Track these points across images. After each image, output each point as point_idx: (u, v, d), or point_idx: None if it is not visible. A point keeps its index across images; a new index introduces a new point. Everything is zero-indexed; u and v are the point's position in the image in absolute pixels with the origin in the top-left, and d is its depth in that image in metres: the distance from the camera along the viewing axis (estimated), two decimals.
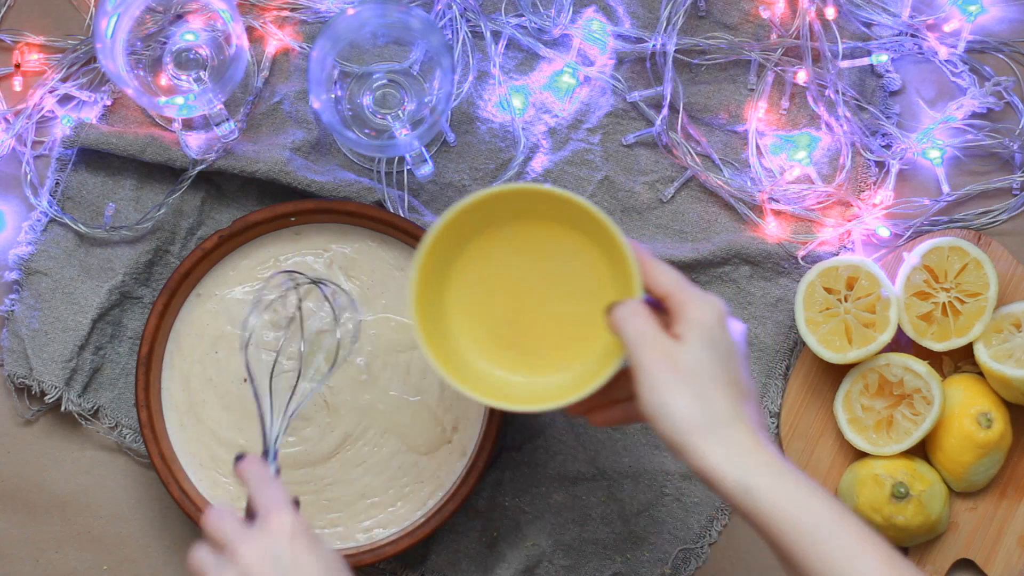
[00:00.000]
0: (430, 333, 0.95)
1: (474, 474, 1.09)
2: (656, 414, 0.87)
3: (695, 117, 1.17)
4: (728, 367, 0.88)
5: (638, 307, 0.90)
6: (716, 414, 0.86)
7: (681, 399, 0.86)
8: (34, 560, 1.14)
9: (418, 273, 0.95)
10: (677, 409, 0.86)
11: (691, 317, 0.89)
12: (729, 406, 0.87)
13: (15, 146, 1.15)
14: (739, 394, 0.88)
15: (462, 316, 0.99)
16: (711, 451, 0.85)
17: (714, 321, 0.89)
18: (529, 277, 0.99)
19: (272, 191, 1.15)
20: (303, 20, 1.16)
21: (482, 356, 0.99)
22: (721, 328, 0.89)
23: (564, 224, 0.97)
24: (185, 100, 1.08)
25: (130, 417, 1.14)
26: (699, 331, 0.88)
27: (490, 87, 1.16)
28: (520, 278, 0.99)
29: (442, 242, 0.95)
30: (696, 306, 0.89)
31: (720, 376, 0.87)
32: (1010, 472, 1.15)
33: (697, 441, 0.86)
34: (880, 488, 1.10)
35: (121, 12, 1.09)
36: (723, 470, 0.85)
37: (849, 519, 0.84)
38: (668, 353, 0.87)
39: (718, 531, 1.15)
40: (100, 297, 1.13)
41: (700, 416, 0.86)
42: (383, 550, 1.08)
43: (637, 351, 0.88)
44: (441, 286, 0.98)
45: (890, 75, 1.17)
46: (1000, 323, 1.11)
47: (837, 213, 1.16)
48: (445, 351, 0.97)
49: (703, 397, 0.86)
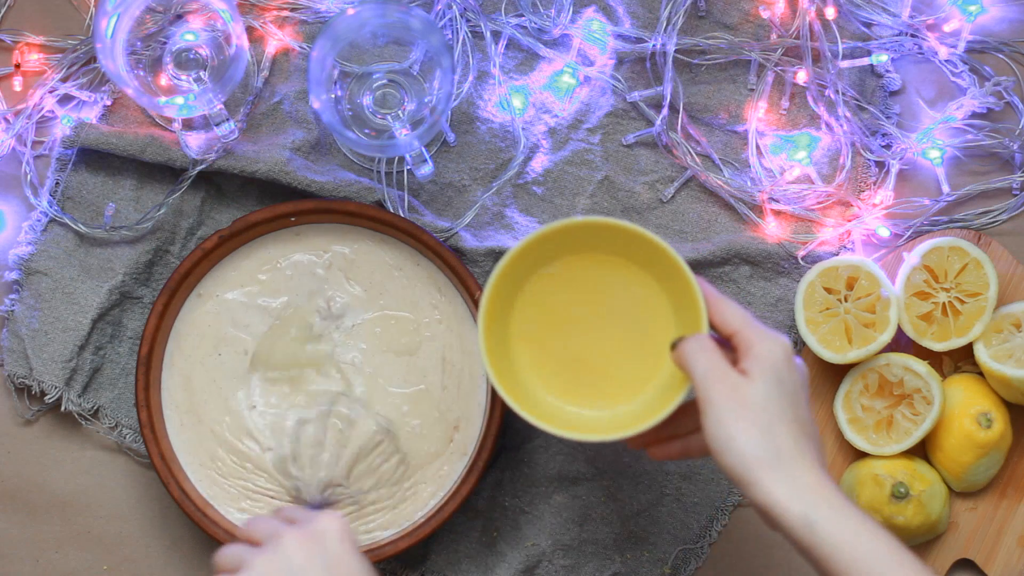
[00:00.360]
0: (496, 362, 0.98)
1: (474, 474, 1.09)
2: (722, 447, 0.88)
3: (695, 117, 1.17)
4: (793, 404, 0.90)
5: (706, 342, 0.92)
6: (781, 449, 0.88)
7: (747, 433, 0.88)
8: (34, 560, 1.14)
9: (487, 303, 0.97)
10: (743, 443, 0.88)
11: (758, 354, 0.90)
12: (793, 442, 0.88)
13: (15, 146, 1.15)
14: (802, 432, 0.90)
15: (525, 346, 1.02)
16: (775, 486, 0.87)
17: (781, 359, 0.91)
18: (591, 311, 1.02)
19: (272, 191, 1.15)
20: (303, 20, 1.16)
21: (543, 386, 1.02)
22: (788, 366, 0.91)
23: (626, 259, 1.00)
24: (185, 100, 1.08)
25: (130, 417, 1.14)
26: (766, 368, 0.90)
27: (490, 87, 1.16)
28: (582, 311, 1.02)
29: (510, 272, 0.98)
30: (764, 343, 0.91)
31: (786, 413, 0.89)
32: (1010, 472, 1.15)
33: (761, 476, 0.87)
34: (880, 488, 1.10)
35: (121, 12, 1.09)
36: (786, 504, 0.86)
37: (908, 558, 0.85)
38: (735, 388, 0.89)
39: (718, 531, 1.15)
40: (100, 297, 1.13)
41: (765, 451, 0.87)
42: (384, 550, 1.08)
43: (705, 385, 0.90)
44: (506, 316, 1.01)
45: (890, 75, 1.17)
46: (1000, 323, 1.11)
47: (837, 213, 1.16)
48: (511, 380, 0.99)
49: (769, 432, 0.88)
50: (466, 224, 1.14)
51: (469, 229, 1.14)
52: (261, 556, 0.90)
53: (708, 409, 0.89)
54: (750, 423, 0.88)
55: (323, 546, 0.90)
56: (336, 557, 0.89)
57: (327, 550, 0.90)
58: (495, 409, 1.09)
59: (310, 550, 0.90)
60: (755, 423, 0.88)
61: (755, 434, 0.88)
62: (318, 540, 0.90)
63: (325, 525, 0.91)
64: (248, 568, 0.89)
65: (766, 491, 0.87)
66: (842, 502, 0.87)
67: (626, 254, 1.00)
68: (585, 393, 1.02)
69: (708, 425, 0.89)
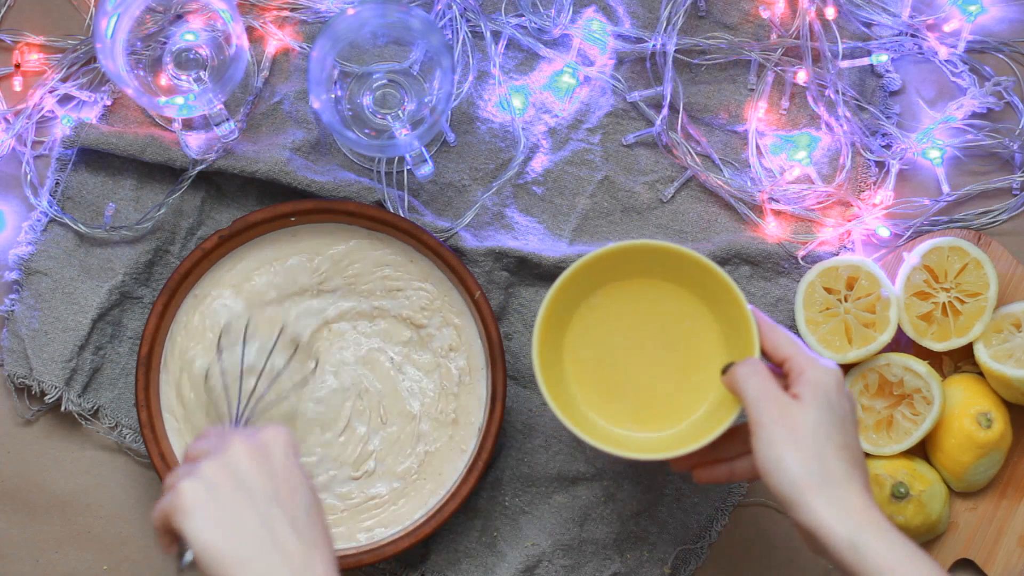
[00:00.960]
0: (549, 375, 1.01)
1: (474, 474, 1.09)
2: (771, 468, 0.91)
3: (695, 117, 1.17)
4: (842, 431, 0.93)
5: (758, 366, 0.95)
6: (829, 473, 0.90)
7: (797, 456, 0.90)
8: (34, 560, 1.14)
9: (543, 320, 1.01)
10: (792, 465, 0.90)
11: (810, 379, 0.93)
12: (842, 467, 0.91)
13: (15, 146, 1.15)
14: (851, 457, 0.92)
15: (576, 367, 1.06)
16: (823, 508, 0.89)
17: (832, 385, 0.94)
18: (641, 334, 1.05)
19: (272, 191, 1.15)
20: (303, 20, 1.16)
21: (591, 406, 1.05)
22: (839, 393, 0.94)
23: (676, 284, 1.04)
24: (185, 100, 1.08)
25: (130, 417, 1.14)
26: (817, 393, 0.93)
27: (490, 87, 1.16)
28: (632, 335, 1.06)
29: (563, 293, 1.02)
30: (816, 370, 0.94)
31: (835, 438, 0.92)
32: (1010, 472, 1.15)
33: (809, 498, 0.89)
34: (880, 488, 1.10)
35: (121, 12, 1.09)
36: (833, 527, 0.88)
37: None
38: (787, 412, 0.92)
39: (718, 531, 1.15)
40: (100, 297, 1.13)
41: (814, 474, 0.90)
42: (384, 550, 1.08)
43: (757, 407, 0.93)
44: (559, 337, 1.05)
45: (890, 75, 1.17)
46: (1000, 323, 1.11)
47: (837, 213, 1.16)
48: (562, 397, 1.03)
49: (818, 456, 0.90)
50: (466, 224, 1.14)
51: (469, 229, 1.14)
52: (208, 461, 0.90)
53: (759, 431, 0.92)
54: (800, 446, 0.91)
55: (269, 456, 0.90)
56: (283, 468, 0.90)
57: (273, 460, 0.90)
58: (495, 408, 1.09)
59: (257, 458, 0.89)
60: (805, 446, 0.91)
61: (804, 457, 0.90)
62: (264, 450, 0.90)
63: (272, 436, 0.91)
64: (195, 474, 0.88)
65: (814, 513, 0.89)
66: (887, 527, 0.89)
67: (677, 279, 1.04)
68: (634, 415, 1.06)
69: (759, 447, 0.92)
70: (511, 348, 1.15)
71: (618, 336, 1.05)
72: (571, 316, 1.05)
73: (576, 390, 1.06)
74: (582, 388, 1.06)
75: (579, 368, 1.05)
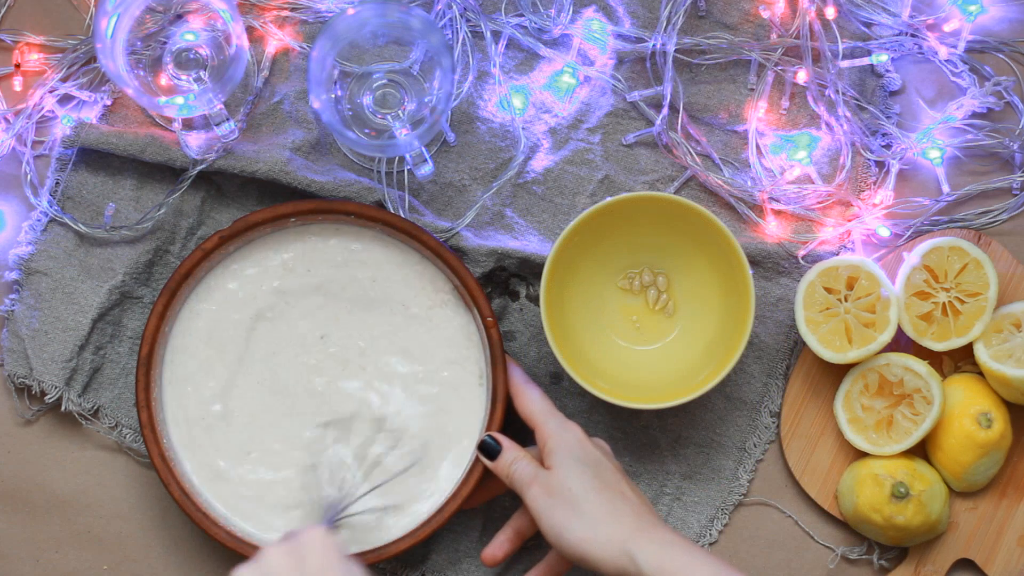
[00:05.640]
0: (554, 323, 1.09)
1: (474, 474, 1.09)
2: (554, 542, 1.00)
3: (695, 117, 1.17)
4: (598, 475, 1.01)
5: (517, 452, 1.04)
6: (595, 517, 0.99)
7: (565, 519, 0.99)
8: (34, 560, 1.14)
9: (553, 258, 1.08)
10: (560, 524, 0.99)
11: (555, 448, 1.03)
12: (604, 507, 0.99)
13: (15, 146, 1.15)
14: (616, 493, 1.01)
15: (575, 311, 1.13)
16: (592, 547, 0.98)
17: (575, 443, 1.03)
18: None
19: (272, 191, 1.15)
20: (303, 20, 1.16)
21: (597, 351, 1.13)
22: (583, 447, 1.03)
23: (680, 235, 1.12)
24: (185, 100, 1.08)
25: (130, 417, 1.14)
26: (563, 455, 1.02)
27: (490, 87, 1.16)
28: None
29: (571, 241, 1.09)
30: (556, 437, 1.03)
31: (592, 483, 1.00)
32: (1010, 472, 1.15)
33: (586, 548, 0.98)
34: (880, 488, 1.10)
35: (121, 12, 1.09)
36: (604, 548, 0.97)
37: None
38: (545, 484, 1.01)
39: (718, 531, 1.15)
40: (100, 297, 1.13)
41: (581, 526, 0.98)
42: (385, 550, 1.08)
43: (527, 496, 1.02)
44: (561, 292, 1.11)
45: (890, 75, 1.17)
46: (1000, 323, 1.11)
47: (837, 213, 1.16)
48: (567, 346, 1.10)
49: (577, 509, 0.99)
50: (466, 224, 1.14)
51: (470, 229, 1.14)
52: (243, 567, 0.94)
53: (532, 510, 1.01)
54: (564, 508, 0.99)
55: (303, 558, 0.93)
56: (316, 568, 0.92)
57: (307, 562, 0.93)
58: (496, 408, 1.09)
59: (290, 562, 0.93)
60: (566, 506, 0.99)
61: (570, 516, 0.99)
62: (299, 552, 0.94)
63: (308, 538, 0.95)
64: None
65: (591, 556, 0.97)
66: (665, 535, 0.97)
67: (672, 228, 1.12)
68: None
69: (542, 528, 1.01)
70: (511, 348, 1.15)
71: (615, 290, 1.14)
72: (577, 267, 1.12)
73: (581, 333, 1.12)
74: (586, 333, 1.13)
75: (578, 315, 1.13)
